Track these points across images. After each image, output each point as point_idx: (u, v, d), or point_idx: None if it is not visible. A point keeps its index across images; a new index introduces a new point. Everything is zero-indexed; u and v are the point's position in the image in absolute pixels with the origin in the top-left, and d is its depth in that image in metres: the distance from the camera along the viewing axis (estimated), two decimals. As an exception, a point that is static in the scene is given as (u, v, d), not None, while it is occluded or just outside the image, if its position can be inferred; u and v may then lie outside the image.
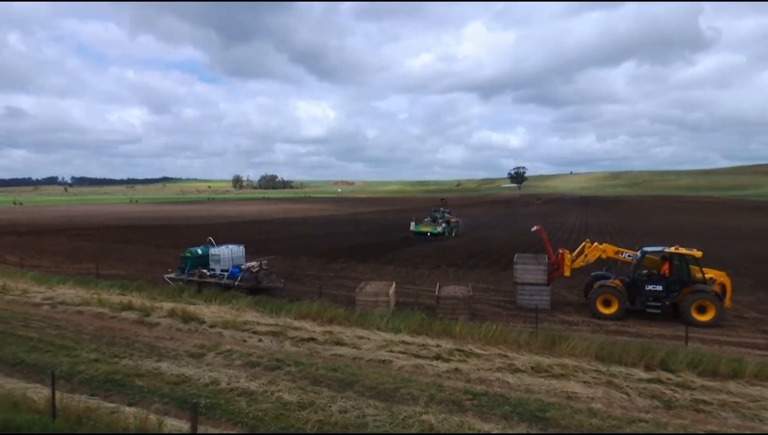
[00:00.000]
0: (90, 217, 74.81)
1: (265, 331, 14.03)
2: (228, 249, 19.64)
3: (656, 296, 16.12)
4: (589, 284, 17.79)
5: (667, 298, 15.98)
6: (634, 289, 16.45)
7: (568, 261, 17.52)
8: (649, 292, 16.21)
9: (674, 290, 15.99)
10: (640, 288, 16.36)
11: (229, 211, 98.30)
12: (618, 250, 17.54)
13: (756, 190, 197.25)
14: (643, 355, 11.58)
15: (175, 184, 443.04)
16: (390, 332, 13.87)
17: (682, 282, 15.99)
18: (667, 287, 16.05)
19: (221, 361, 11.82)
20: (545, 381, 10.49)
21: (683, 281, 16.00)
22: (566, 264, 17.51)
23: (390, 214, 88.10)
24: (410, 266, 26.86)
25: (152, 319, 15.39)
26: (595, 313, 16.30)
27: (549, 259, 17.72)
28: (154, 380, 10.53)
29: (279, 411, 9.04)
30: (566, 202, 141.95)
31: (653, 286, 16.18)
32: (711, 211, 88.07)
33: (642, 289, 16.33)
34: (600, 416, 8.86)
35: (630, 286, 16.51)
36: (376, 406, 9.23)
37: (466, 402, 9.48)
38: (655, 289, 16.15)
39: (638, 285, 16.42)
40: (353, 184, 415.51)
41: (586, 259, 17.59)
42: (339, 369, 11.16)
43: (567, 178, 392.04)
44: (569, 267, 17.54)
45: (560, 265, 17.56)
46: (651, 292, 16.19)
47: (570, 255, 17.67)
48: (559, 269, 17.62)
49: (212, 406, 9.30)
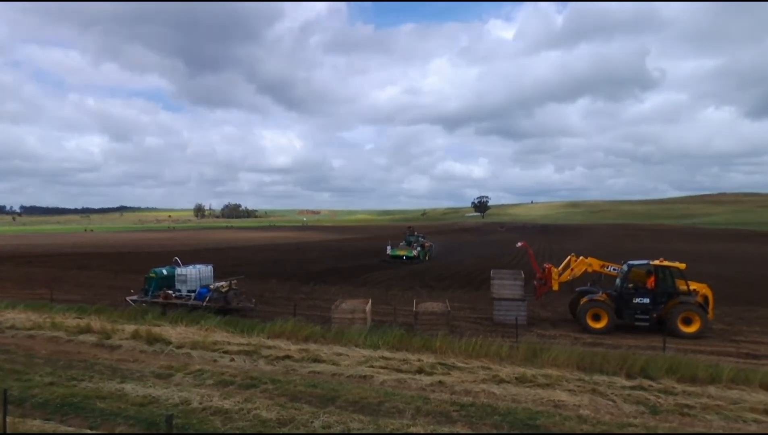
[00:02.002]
0: (40, 245, 70.74)
1: (237, 351, 13.31)
2: (195, 269, 18.79)
3: (644, 309, 16.14)
4: (574, 300, 17.66)
5: (654, 310, 16.02)
6: (621, 302, 16.41)
7: (555, 275, 17.49)
8: (636, 305, 16.22)
9: (661, 302, 16.04)
10: (628, 301, 16.34)
11: (191, 238, 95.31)
12: (603, 264, 17.60)
13: (705, 219, 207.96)
14: (624, 363, 11.61)
15: (133, 214, 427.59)
16: (369, 348, 13.43)
17: (668, 294, 16.06)
18: (653, 300, 16.09)
19: (191, 380, 11.07)
20: (531, 390, 10.32)
21: (669, 293, 16.06)
22: (554, 278, 17.47)
23: (357, 241, 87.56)
24: (383, 288, 26.50)
25: (113, 342, 14.38)
26: (585, 328, 16.14)
27: (536, 274, 17.74)
28: (118, 402, 9.70)
29: (257, 428, 8.46)
30: (528, 229, 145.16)
31: (640, 299, 16.20)
32: (664, 238, 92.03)
33: (630, 303, 16.31)
34: (590, 422, 8.73)
35: (617, 300, 16.47)
36: (361, 419, 8.79)
37: (454, 413, 9.16)
38: (642, 301, 16.17)
39: (625, 298, 16.38)
40: (319, 213, 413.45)
41: (573, 272, 17.55)
42: (318, 385, 10.64)
43: (528, 207, 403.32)
44: (557, 281, 17.50)
45: (547, 279, 17.48)
46: (638, 305, 16.20)
47: (556, 269, 17.63)
48: (547, 284, 17.55)
49: (184, 426, 8.60)
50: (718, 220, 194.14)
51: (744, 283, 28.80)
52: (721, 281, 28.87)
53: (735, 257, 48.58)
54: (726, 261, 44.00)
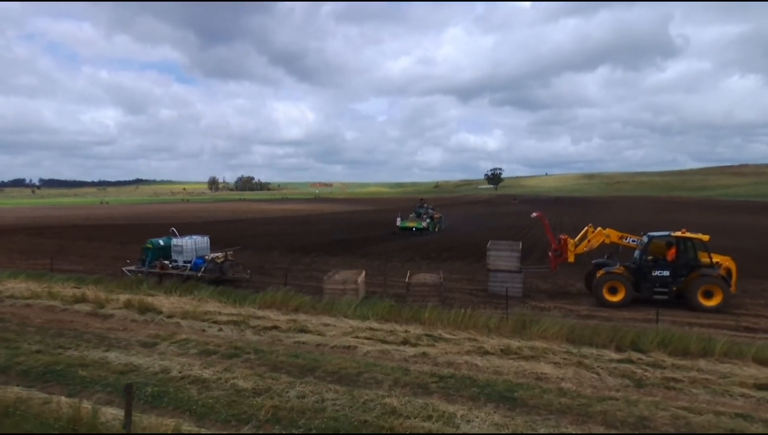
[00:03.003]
0: (54, 217, 72.01)
1: (226, 321, 13.34)
2: (191, 240, 18.80)
3: (663, 282, 15.58)
4: (590, 272, 17.16)
5: (674, 283, 15.47)
6: (640, 275, 15.88)
7: (571, 246, 16.94)
8: (655, 278, 15.67)
9: (681, 275, 15.46)
10: (647, 274, 15.80)
11: (202, 210, 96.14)
12: (622, 235, 16.99)
13: (723, 191, 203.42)
14: (614, 336, 11.35)
15: (148, 187, 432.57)
16: (357, 319, 13.35)
17: (689, 267, 15.47)
18: (674, 273, 15.52)
19: (175, 350, 11.11)
20: (514, 363, 10.14)
21: (690, 266, 15.48)
22: (570, 250, 16.93)
23: (367, 213, 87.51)
24: (383, 259, 26.36)
25: (106, 311, 14.51)
26: (601, 301, 15.66)
27: (551, 246, 17.28)
28: (99, 370, 9.76)
29: (232, 398, 8.43)
30: (541, 201, 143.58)
31: (660, 272, 15.64)
32: (679, 210, 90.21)
33: (648, 275, 15.77)
34: (570, 395, 8.53)
35: (636, 273, 15.95)
36: (337, 390, 8.71)
37: (432, 384, 9.04)
38: (661, 274, 15.62)
39: (644, 271, 15.85)
40: (331, 186, 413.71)
41: (590, 244, 16.98)
42: (300, 355, 10.59)
43: (542, 179, 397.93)
44: (573, 253, 16.96)
45: (563, 251, 17.01)
46: (658, 278, 15.64)
47: (572, 241, 17.08)
48: (563, 255, 17.07)
49: (160, 394, 8.61)
50: (738, 191, 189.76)
51: (755, 257, 28.03)
52: (733, 254, 28.20)
53: (750, 230, 47.43)
54: (741, 234, 42.95)
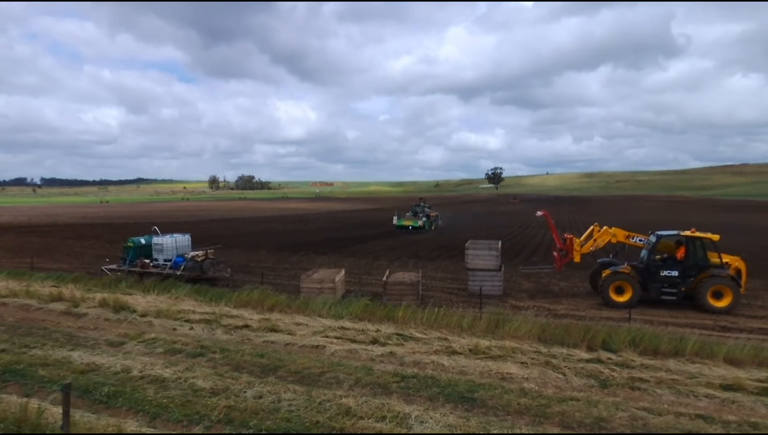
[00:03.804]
0: (50, 216, 72.06)
1: (198, 319, 13.22)
2: (172, 238, 18.70)
3: (672, 282, 15.16)
4: (595, 272, 16.85)
5: (683, 284, 15.08)
6: (647, 275, 15.44)
7: (577, 246, 16.62)
8: (663, 278, 15.24)
9: (690, 276, 15.06)
10: (655, 274, 15.36)
11: (200, 209, 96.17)
12: (629, 235, 16.65)
13: (724, 190, 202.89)
14: (585, 335, 11.18)
15: (149, 186, 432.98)
16: (331, 319, 13.22)
17: (698, 267, 15.06)
18: (683, 273, 15.11)
19: (142, 349, 10.98)
20: (481, 362, 9.99)
21: (700, 266, 15.06)
22: (575, 249, 16.60)
23: (365, 212, 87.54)
24: (371, 258, 26.26)
25: (80, 310, 14.39)
26: (607, 301, 15.30)
27: (557, 245, 17.00)
28: (60, 369, 9.64)
29: (188, 398, 8.29)
30: (541, 200, 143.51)
31: (668, 272, 15.20)
32: (678, 209, 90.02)
33: (657, 275, 15.33)
34: (530, 396, 8.38)
35: (643, 273, 15.52)
36: (296, 390, 8.56)
37: (393, 384, 8.89)
38: (670, 274, 15.18)
39: (652, 271, 15.41)
40: (332, 185, 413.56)
41: (596, 243, 16.63)
42: (266, 355, 10.45)
43: (543, 178, 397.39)
44: (579, 252, 16.62)
45: (569, 250, 16.72)
46: (666, 278, 15.22)
47: (578, 240, 16.77)
48: (568, 255, 16.76)
49: (116, 394, 8.49)
50: (739, 191, 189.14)
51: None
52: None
53: (746, 229, 47.22)
54: (736, 233, 42.73)
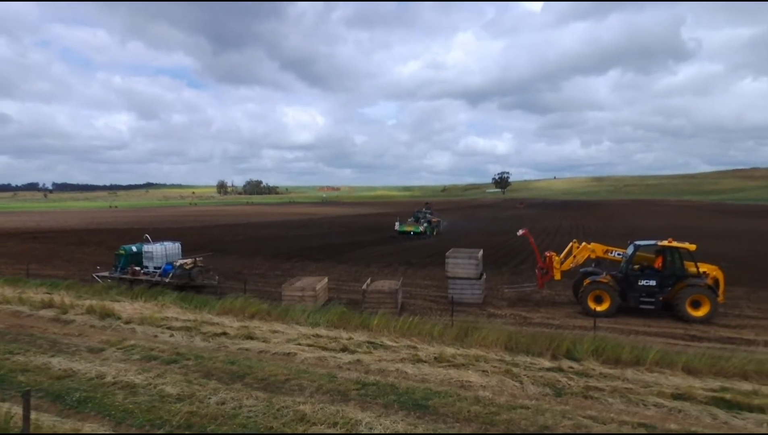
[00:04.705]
0: (58, 221, 73.29)
1: (179, 327, 13.63)
2: (162, 246, 19.20)
3: (649, 292, 15.43)
4: (577, 281, 17.05)
5: (661, 293, 15.33)
6: (626, 284, 15.70)
7: (557, 264, 16.75)
8: (641, 288, 15.52)
9: (668, 285, 15.32)
10: (633, 283, 15.63)
11: (206, 214, 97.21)
12: (607, 249, 16.84)
13: (734, 194, 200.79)
14: (551, 344, 11.42)
15: (158, 190, 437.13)
16: (308, 326, 13.56)
17: (675, 277, 15.32)
18: (660, 282, 15.37)
19: (119, 355, 11.40)
20: (443, 371, 10.26)
21: (677, 276, 15.32)
22: (555, 267, 16.73)
23: (369, 217, 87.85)
24: (363, 265, 26.58)
25: (68, 317, 14.88)
26: (586, 311, 15.47)
27: (537, 263, 17.06)
28: (39, 375, 10.07)
29: (153, 403, 8.67)
30: (548, 205, 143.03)
31: (646, 281, 15.49)
32: (686, 214, 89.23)
33: (635, 285, 15.61)
34: (483, 403, 8.64)
35: (622, 282, 15.77)
36: (258, 396, 8.91)
37: (353, 392, 9.20)
38: (648, 284, 15.46)
39: (630, 280, 15.67)
40: (339, 190, 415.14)
41: (575, 260, 16.82)
42: (237, 362, 10.81)
43: (551, 183, 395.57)
44: (558, 270, 16.75)
45: (549, 268, 16.83)
46: (644, 288, 15.49)
47: (558, 257, 16.91)
48: (549, 273, 16.86)
49: (86, 399, 8.90)
50: (749, 195, 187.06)
51: (737, 262, 27.76)
52: (717, 260, 28.00)
53: (750, 235, 46.87)
54: (738, 238, 42.49)
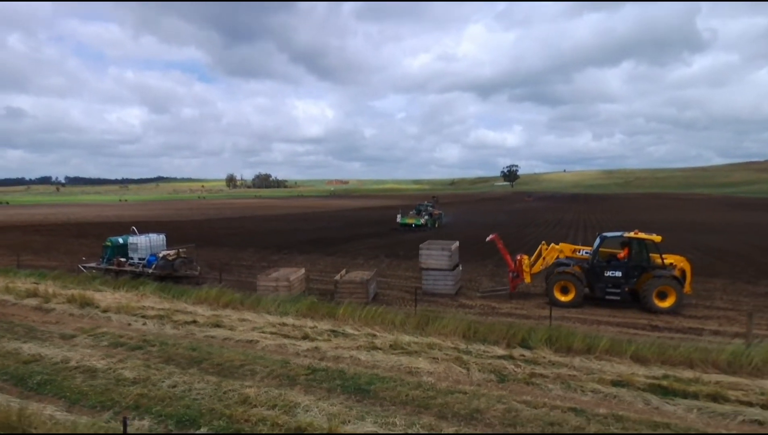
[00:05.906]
0: (66, 214, 74.62)
1: (153, 315, 14.04)
2: (146, 238, 19.66)
3: (615, 283, 15.57)
4: (550, 273, 16.99)
5: (627, 284, 15.46)
6: (593, 275, 15.87)
7: (526, 267, 16.78)
8: (608, 279, 15.65)
9: (633, 276, 15.46)
10: (600, 274, 15.78)
11: (213, 207, 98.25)
12: (575, 249, 16.96)
13: (747, 187, 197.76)
14: (507, 333, 11.63)
15: (168, 184, 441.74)
16: (277, 315, 13.89)
17: (641, 268, 15.48)
18: (626, 273, 15.50)
19: (89, 342, 11.83)
20: (395, 358, 10.52)
21: (642, 267, 15.48)
22: (525, 270, 16.79)
23: (374, 210, 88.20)
24: (349, 257, 26.89)
25: (50, 306, 15.37)
26: (553, 301, 15.58)
27: (508, 268, 17.13)
28: (7, 360, 10.51)
29: (108, 386, 9.06)
30: (557, 199, 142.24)
31: (612, 272, 15.63)
32: (694, 208, 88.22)
33: (601, 276, 15.75)
34: (423, 388, 8.89)
35: (589, 273, 15.93)
36: (209, 380, 9.26)
37: (301, 377, 9.50)
38: (614, 275, 15.60)
39: (597, 271, 15.83)
40: (347, 183, 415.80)
41: (545, 262, 16.88)
42: (198, 349, 11.17)
43: (560, 176, 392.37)
44: (528, 273, 16.80)
45: (520, 272, 16.91)
46: (610, 279, 15.62)
47: (528, 260, 16.97)
48: (519, 276, 16.93)
49: (47, 382, 9.34)
50: (763, 188, 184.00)
51: (716, 255, 27.62)
52: (698, 252, 27.89)
53: (753, 228, 46.40)
54: (738, 232, 42.13)
